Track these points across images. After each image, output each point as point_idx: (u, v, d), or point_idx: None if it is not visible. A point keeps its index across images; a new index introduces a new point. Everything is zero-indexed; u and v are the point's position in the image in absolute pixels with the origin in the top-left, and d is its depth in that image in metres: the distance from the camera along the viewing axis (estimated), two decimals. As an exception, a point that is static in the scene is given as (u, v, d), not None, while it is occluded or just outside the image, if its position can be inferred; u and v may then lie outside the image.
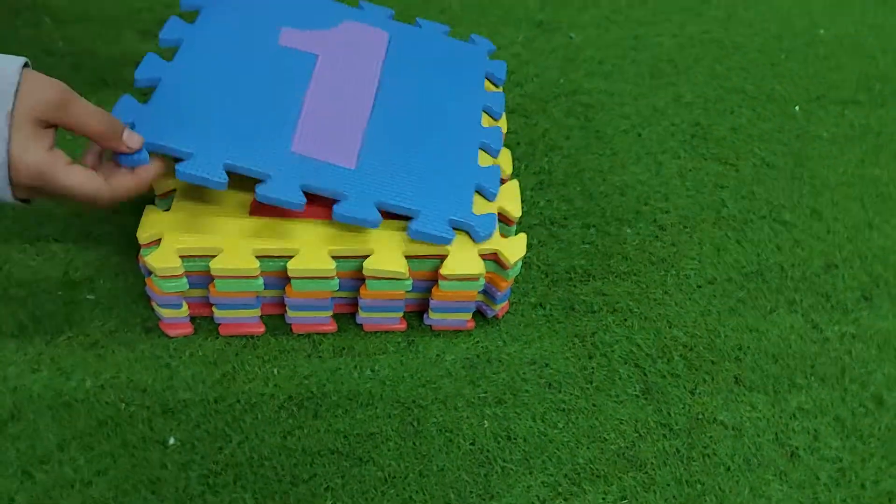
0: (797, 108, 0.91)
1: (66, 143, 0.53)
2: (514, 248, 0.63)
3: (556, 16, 1.00)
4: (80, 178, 0.51)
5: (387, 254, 0.62)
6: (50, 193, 0.51)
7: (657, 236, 0.76)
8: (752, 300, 0.72)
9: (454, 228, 0.62)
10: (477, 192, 0.65)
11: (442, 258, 0.63)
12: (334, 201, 0.60)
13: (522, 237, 0.64)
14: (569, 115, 0.88)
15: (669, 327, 0.69)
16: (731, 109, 0.90)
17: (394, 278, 0.62)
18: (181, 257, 0.60)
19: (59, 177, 0.50)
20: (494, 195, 0.65)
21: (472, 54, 0.75)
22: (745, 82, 0.94)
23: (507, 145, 0.82)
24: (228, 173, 0.58)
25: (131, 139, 0.54)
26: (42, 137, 0.49)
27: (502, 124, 0.73)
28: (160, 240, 0.61)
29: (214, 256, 0.61)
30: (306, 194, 0.59)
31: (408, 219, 0.62)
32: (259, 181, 0.59)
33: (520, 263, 0.64)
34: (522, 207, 0.71)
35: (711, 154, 0.85)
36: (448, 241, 0.61)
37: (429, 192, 0.62)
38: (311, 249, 0.62)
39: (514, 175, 0.80)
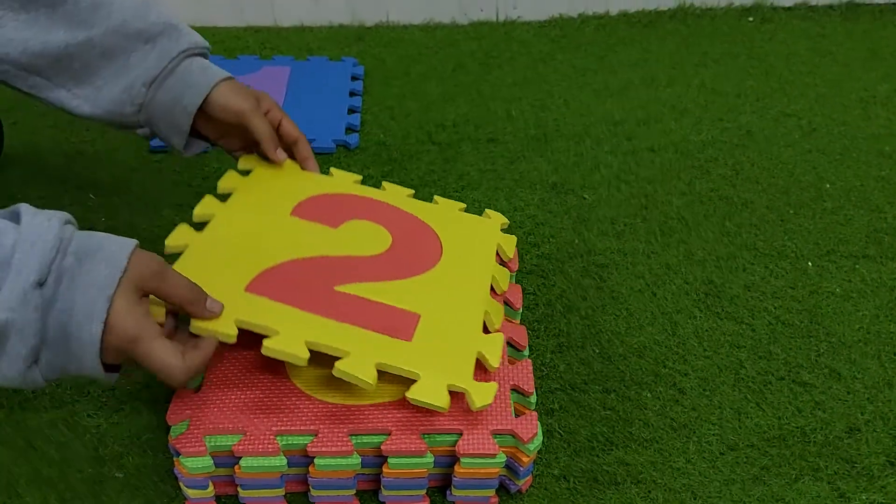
0: (810, 263, 0.93)
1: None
2: (528, 427, 0.64)
3: (568, 177, 1.05)
4: (165, 353, 0.56)
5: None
6: (132, 358, 0.56)
7: (677, 400, 0.77)
8: (776, 467, 0.71)
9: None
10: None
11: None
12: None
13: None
14: (584, 276, 0.91)
15: (694, 498, 0.68)
16: (744, 266, 0.92)
17: (415, 456, 0.63)
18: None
19: (147, 345, 0.55)
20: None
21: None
22: (756, 239, 0.96)
23: (525, 307, 0.85)
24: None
25: (213, 306, 0.61)
26: (140, 304, 0.56)
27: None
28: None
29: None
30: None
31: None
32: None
33: (539, 439, 0.65)
34: (543, 371, 0.73)
35: (726, 313, 0.86)
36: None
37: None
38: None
39: (534, 337, 0.82)
